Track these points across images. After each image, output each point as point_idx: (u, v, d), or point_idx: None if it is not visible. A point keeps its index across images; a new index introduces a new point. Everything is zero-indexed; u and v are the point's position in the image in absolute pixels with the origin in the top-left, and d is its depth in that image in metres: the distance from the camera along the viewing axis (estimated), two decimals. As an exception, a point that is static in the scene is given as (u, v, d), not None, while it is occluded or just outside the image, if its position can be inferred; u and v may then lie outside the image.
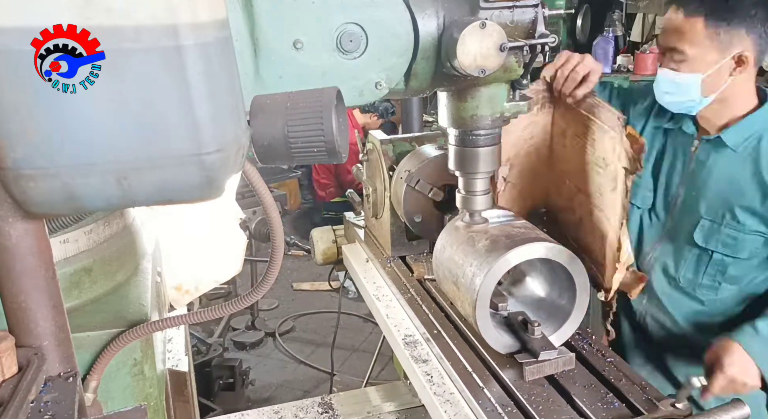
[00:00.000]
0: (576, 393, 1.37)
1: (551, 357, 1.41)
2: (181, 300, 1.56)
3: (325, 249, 2.46)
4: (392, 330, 1.75)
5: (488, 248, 1.42)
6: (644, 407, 1.31)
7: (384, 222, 2.12)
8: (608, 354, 1.51)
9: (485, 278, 1.38)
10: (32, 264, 0.79)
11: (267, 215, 0.94)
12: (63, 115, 0.71)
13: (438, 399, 1.45)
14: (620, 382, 1.40)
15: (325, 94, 0.89)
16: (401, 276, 1.99)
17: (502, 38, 1.13)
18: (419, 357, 1.61)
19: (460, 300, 1.49)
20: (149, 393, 1.09)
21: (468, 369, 1.49)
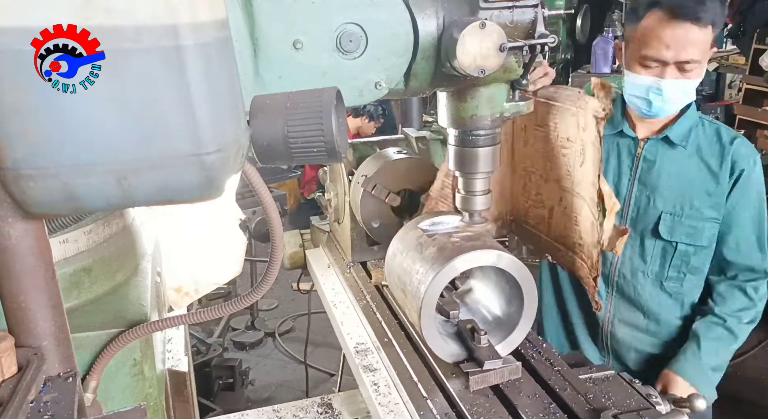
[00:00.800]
0: (519, 404, 1.34)
1: (496, 366, 1.39)
2: (181, 302, 1.56)
3: (292, 254, 2.44)
4: (345, 338, 1.74)
5: (434, 255, 1.40)
6: (587, 416, 1.29)
7: (345, 227, 2.11)
8: (556, 363, 1.49)
9: (430, 285, 1.36)
10: (32, 264, 0.79)
11: (267, 215, 0.94)
12: (63, 115, 0.71)
13: (382, 409, 1.43)
14: (565, 392, 1.37)
15: (325, 94, 0.89)
16: (359, 282, 1.98)
17: (501, 38, 1.13)
18: (368, 366, 1.60)
19: (408, 307, 1.48)
20: (149, 393, 1.09)
21: (414, 379, 1.48)
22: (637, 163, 1.99)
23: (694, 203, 1.94)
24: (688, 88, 1.84)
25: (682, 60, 1.78)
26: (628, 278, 2.06)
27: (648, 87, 1.84)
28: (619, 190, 2.02)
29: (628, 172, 2.01)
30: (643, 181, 1.99)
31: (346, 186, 2.03)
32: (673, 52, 1.78)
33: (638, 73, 1.85)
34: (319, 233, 2.44)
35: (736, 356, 4.58)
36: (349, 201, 2.02)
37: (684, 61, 1.78)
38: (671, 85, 1.81)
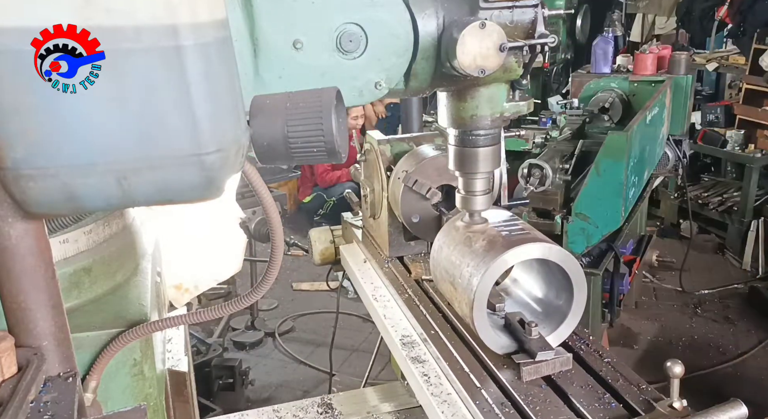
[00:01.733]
0: (573, 394, 1.36)
1: (548, 357, 1.40)
2: (181, 298, 1.56)
3: (323, 250, 2.45)
4: (389, 331, 1.75)
5: (485, 248, 1.42)
6: (641, 407, 1.30)
7: (382, 222, 2.12)
8: (605, 355, 1.51)
9: (482, 278, 1.38)
10: (32, 264, 0.79)
11: (267, 215, 0.94)
12: (63, 115, 0.71)
13: (435, 399, 1.45)
14: (617, 383, 1.39)
15: (325, 94, 0.89)
16: (399, 277, 1.99)
17: (501, 38, 1.13)
18: (416, 357, 1.61)
19: (458, 300, 1.49)
20: (149, 393, 1.09)
21: (465, 370, 1.49)
22: None
23: None
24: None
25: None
26: None
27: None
28: None
29: None
30: None
31: (385, 181, 2.04)
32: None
33: None
34: (351, 229, 2.44)
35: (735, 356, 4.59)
36: (387, 196, 2.03)
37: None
38: None
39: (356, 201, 2.44)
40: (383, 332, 1.82)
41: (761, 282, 5.28)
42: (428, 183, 1.88)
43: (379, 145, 2.07)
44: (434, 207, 1.95)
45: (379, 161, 2.06)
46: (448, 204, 1.96)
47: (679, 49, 5.52)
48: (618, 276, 3.35)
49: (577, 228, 3.24)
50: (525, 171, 3.29)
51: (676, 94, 4.37)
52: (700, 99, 6.39)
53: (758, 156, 5.47)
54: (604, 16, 6.24)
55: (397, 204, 1.95)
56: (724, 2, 6.19)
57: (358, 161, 2.28)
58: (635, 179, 3.50)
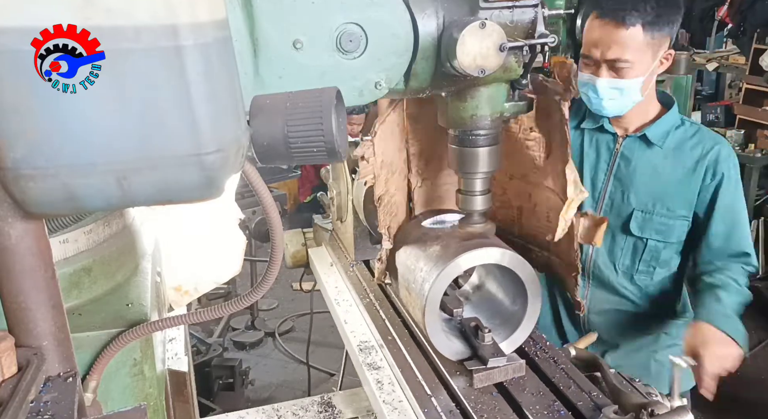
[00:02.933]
0: (524, 401, 1.35)
1: (500, 363, 1.39)
2: (181, 300, 1.56)
3: (295, 253, 2.45)
4: (348, 336, 1.74)
5: (439, 253, 1.40)
6: (590, 414, 1.30)
7: (347, 225, 2.11)
8: (560, 361, 1.49)
9: (434, 283, 1.36)
10: (32, 264, 0.79)
11: (267, 215, 0.94)
12: (63, 115, 0.71)
13: (387, 407, 1.43)
14: (569, 389, 1.38)
15: (325, 94, 0.89)
16: (362, 281, 1.98)
17: (501, 38, 1.13)
18: (372, 363, 1.60)
19: (412, 305, 1.48)
20: (149, 393, 1.09)
21: (418, 377, 1.48)
22: (614, 159, 2.05)
23: (666, 202, 2.00)
24: (623, 86, 1.90)
25: (609, 58, 1.86)
26: (603, 269, 2.11)
27: (586, 84, 1.93)
28: (594, 185, 2.07)
29: (605, 168, 2.06)
30: (619, 177, 2.04)
31: (349, 184, 2.03)
32: (600, 50, 1.87)
33: (581, 71, 1.94)
34: (321, 232, 2.44)
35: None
36: (352, 199, 2.02)
37: (612, 60, 1.86)
38: (603, 84, 1.90)
39: (327, 203, 2.42)
40: (343, 337, 1.81)
41: (761, 282, 5.27)
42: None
43: None
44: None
45: (344, 163, 2.04)
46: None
47: (679, 49, 5.51)
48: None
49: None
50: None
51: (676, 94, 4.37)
52: (700, 99, 6.39)
53: (758, 156, 5.47)
54: (604, 16, 6.23)
55: (361, 207, 1.93)
56: (724, 2, 6.18)
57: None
58: (635, 179, 3.50)
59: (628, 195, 2.03)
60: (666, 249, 2.05)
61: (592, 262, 2.11)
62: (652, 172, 2.00)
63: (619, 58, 1.85)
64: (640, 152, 2.02)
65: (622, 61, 1.85)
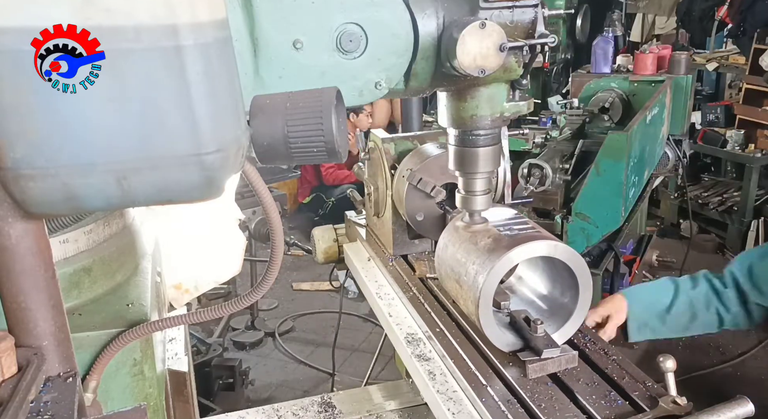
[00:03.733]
0: (579, 391, 1.37)
1: (554, 355, 1.41)
2: (181, 299, 1.56)
3: (326, 248, 2.46)
4: (394, 329, 1.75)
5: (491, 246, 1.42)
6: (647, 404, 1.31)
7: (386, 220, 2.12)
8: (611, 352, 1.51)
9: (488, 276, 1.38)
10: (32, 264, 0.79)
11: (267, 215, 0.94)
12: (63, 115, 0.71)
13: (441, 397, 1.45)
14: (623, 380, 1.40)
15: (325, 94, 0.89)
16: (403, 275, 1.98)
17: (501, 38, 1.13)
18: (422, 355, 1.61)
19: (463, 298, 1.49)
20: (149, 393, 1.09)
21: (471, 367, 1.49)
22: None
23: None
24: None
25: None
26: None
27: None
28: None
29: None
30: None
31: (389, 180, 2.04)
32: None
33: None
34: (354, 227, 2.44)
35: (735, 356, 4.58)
36: (392, 195, 2.03)
37: None
38: None
39: (359, 199, 2.43)
40: (388, 330, 1.82)
41: (761, 282, 5.27)
42: (432, 181, 1.88)
43: (383, 143, 2.07)
44: (438, 205, 1.95)
45: (383, 159, 2.06)
46: (452, 202, 1.96)
47: (679, 49, 5.52)
48: (618, 276, 3.35)
49: (577, 228, 3.23)
50: (525, 171, 3.28)
51: (676, 94, 4.37)
52: (700, 99, 6.39)
53: (758, 156, 5.47)
54: (604, 16, 6.24)
55: (402, 202, 1.95)
56: (724, 2, 6.18)
57: (362, 160, 2.28)
58: (635, 179, 3.50)
59: None
60: None
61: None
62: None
63: None
64: None
65: None
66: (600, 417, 1.29)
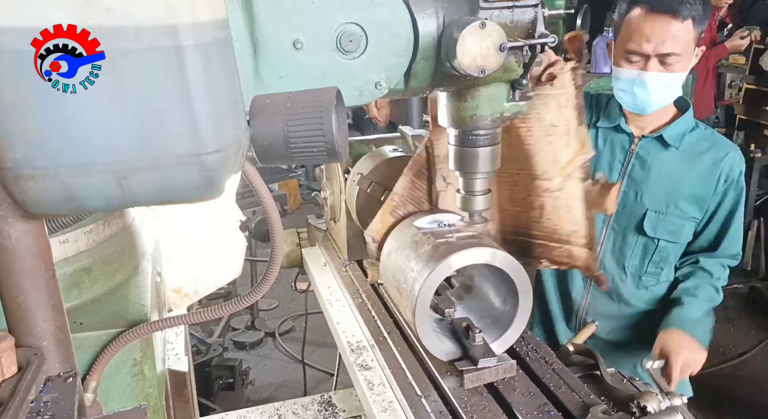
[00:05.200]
0: (514, 402, 1.35)
1: (491, 364, 1.39)
2: (180, 303, 1.56)
3: (289, 252, 2.44)
4: (340, 336, 1.74)
5: (429, 253, 1.40)
6: (579, 413, 1.30)
7: (341, 225, 2.11)
8: (552, 361, 1.50)
9: (424, 283, 1.36)
10: (32, 264, 0.79)
11: (267, 215, 0.94)
12: (63, 115, 0.71)
13: (377, 407, 1.43)
14: (560, 390, 1.38)
15: (325, 94, 0.89)
16: (355, 281, 1.98)
17: (501, 38, 1.13)
18: (363, 364, 1.60)
19: (402, 305, 1.47)
20: (149, 393, 1.09)
21: (408, 378, 1.48)
22: (629, 159, 2.06)
23: (680, 203, 2.03)
24: (671, 81, 1.90)
25: (663, 52, 1.85)
26: (608, 270, 2.12)
27: (632, 80, 1.91)
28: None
29: (619, 167, 2.07)
30: (633, 177, 2.06)
31: (342, 184, 2.02)
32: (653, 45, 1.85)
33: (623, 67, 1.93)
34: (315, 232, 2.44)
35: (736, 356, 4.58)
36: (345, 199, 2.02)
37: (665, 54, 1.86)
38: (654, 78, 1.89)
39: (321, 203, 2.41)
40: (335, 337, 1.81)
41: (761, 281, 5.28)
42: (384, 186, 1.83)
43: None
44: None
45: (337, 163, 2.04)
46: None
47: (679, 48, 5.51)
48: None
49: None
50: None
51: (676, 94, 4.35)
52: (700, 99, 6.38)
53: (758, 156, 5.48)
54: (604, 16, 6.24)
55: (354, 207, 1.92)
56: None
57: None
58: (635, 179, 3.50)
59: (641, 195, 2.05)
60: (674, 250, 2.09)
61: (598, 263, 2.10)
62: (667, 173, 2.03)
63: (672, 52, 1.85)
64: (656, 153, 2.04)
65: (675, 55, 1.85)
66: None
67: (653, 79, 1.89)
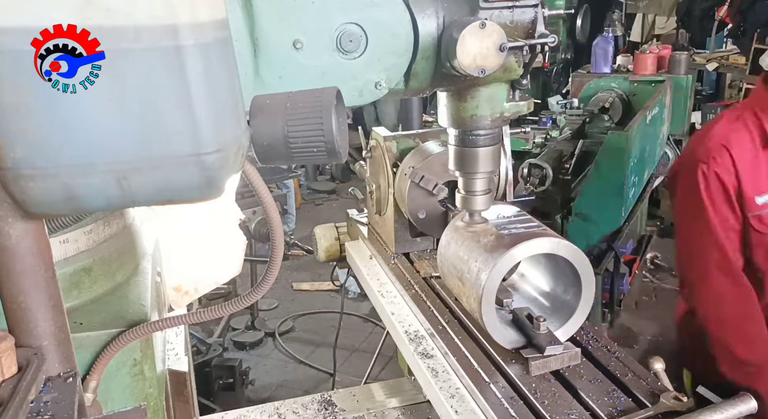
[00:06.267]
0: (582, 388, 1.37)
1: (557, 352, 1.41)
2: (181, 301, 1.56)
3: (328, 247, 2.45)
4: (396, 326, 1.75)
5: (493, 244, 1.43)
6: (649, 400, 1.32)
7: (388, 218, 2.12)
8: (614, 350, 1.52)
9: (491, 273, 1.38)
10: (32, 264, 0.79)
11: (267, 215, 0.94)
12: (63, 115, 0.71)
13: (444, 394, 1.45)
14: (626, 377, 1.40)
15: (325, 94, 0.89)
16: (405, 273, 1.99)
17: (501, 38, 1.13)
18: (424, 352, 1.61)
19: (465, 295, 1.50)
20: (149, 393, 1.09)
21: (473, 365, 1.49)
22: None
23: None
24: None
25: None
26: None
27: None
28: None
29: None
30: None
31: (391, 178, 2.04)
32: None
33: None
34: (356, 226, 2.44)
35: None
36: (394, 193, 2.03)
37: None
38: None
39: (361, 197, 2.44)
40: (390, 328, 1.82)
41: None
42: (435, 179, 1.89)
43: (385, 141, 2.07)
44: (440, 203, 1.96)
45: (386, 157, 2.07)
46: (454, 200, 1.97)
47: (679, 49, 5.52)
48: (618, 276, 3.35)
49: (577, 228, 3.24)
50: (525, 171, 3.29)
51: (676, 94, 4.38)
52: (700, 99, 6.39)
53: (758, 156, 5.46)
54: (604, 16, 6.25)
55: (404, 200, 1.95)
56: (724, 2, 6.19)
57: (364, 157, 2.28)
58: (635, 179, 3.51)
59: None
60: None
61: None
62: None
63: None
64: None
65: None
66: (603, 414, 1.30)
67: None
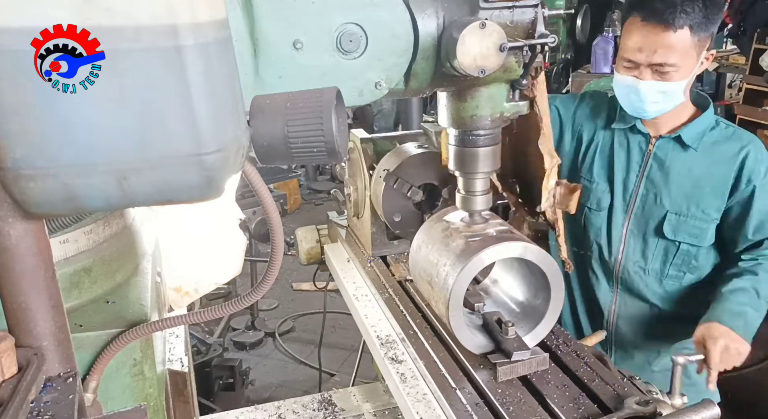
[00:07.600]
0: (548, 394, 1.36)
1: (524, 357, 1.40)
2: (181, 301, 1.56)
3: (309, 249, 2.46)
4: (369, 330, 1.75)
5: (462, 247, 1.41)
6: (615, 406, 1.30)
7: (365, 221, 2.12)
8: (583, 354, 1.50)
9: (458, 277, 1.37)
10: (32, 264, 0.79)
11: (267, 215, 0.94)
12: (63, 115, 0.71)
13: (410, 399, 1.44)
14: (593, 383, 1.39)
15: (325, 94, 0.89)
16: (380, 276, 1.99)
17: (501, 38, 1.13)
18: (394, 357, 1.61)
19: (435, 299, 1.48)
20: (149, 393, 1.09)
21: (441, 370, 1.48)
22: (647, 160, 2.01)
23: (701, 204, 1.96)
24: (666, 89, 1.85)
25: (655, 63, 1.81)
26: (631, 274, 2.08)
27: (627, 87, 1.89)
28: (626, 186, 2.05)
29: (637, 169, 2.03)
30: (651, 179, 2.01)
31: (367, 180, 2.04)
32: (645, 55, 1.82)
33: (620, 72, 1.90)
34: (336, 228, 2.45)
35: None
36: (370, 195, 2.03)
37: (657, 64, 1.81)
38: (648, 87, 1.85)
39: (342, 200, 2.43)
40: (363, 331, 1.83)
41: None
42: (409, 182, 1.88)
43: (361, 143, 2.06)
44: (416, 205, 1.95)
45: (362, 159, 2.05)
46: (429, 202, 1.97)
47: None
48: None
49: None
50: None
51: (676, 94, 4.35)
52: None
53: (758, 156, 5.47)
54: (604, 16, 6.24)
55: (379, 203, 1.94)
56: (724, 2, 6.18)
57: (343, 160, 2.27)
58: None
59: (660, 197, 2.00)
60: (698, 253, 2.02)
61: (621, 267, 2.09)
62: (686, 174, 1.96)
63: (665, 62, 1.80)
64: (674, 154, 1.98)
65: (669, 65, 1.80)
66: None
67: (647, 88, 1.84)
